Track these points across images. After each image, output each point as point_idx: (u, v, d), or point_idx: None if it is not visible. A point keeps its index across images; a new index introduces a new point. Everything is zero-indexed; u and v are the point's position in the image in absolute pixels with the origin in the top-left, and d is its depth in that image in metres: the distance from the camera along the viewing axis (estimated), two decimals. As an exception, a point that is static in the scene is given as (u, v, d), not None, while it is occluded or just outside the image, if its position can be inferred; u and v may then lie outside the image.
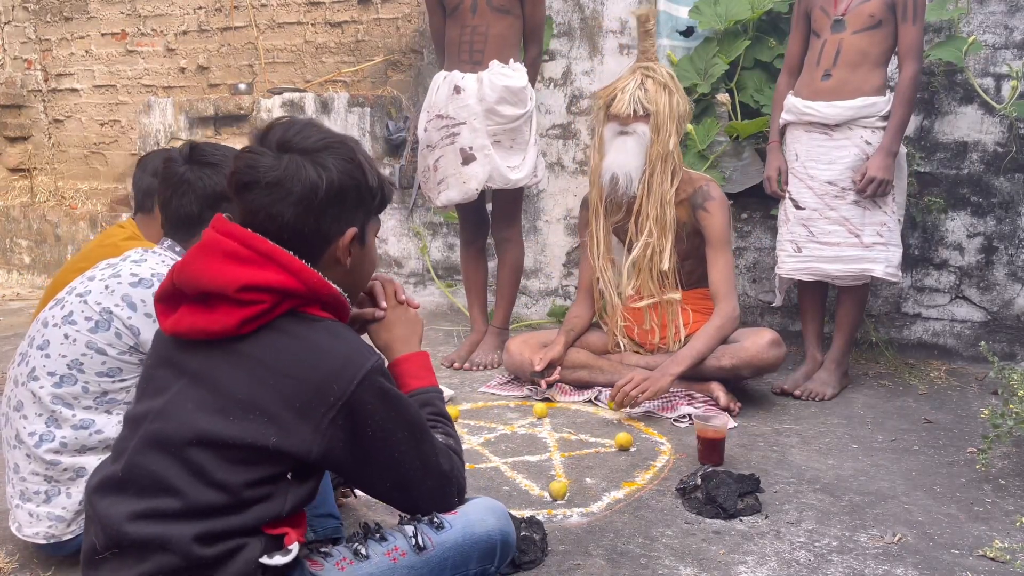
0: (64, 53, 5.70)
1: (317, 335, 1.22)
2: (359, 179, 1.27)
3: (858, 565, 1.73)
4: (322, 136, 1.26)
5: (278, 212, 1.22)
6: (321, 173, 1.22)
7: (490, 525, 1.41)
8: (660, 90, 2.73)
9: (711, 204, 2.76)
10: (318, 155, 1.23)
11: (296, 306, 1.23)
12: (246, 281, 1.19)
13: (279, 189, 1.21)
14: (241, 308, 1.19)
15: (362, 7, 4.80)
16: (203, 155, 1.71)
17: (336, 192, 1.24)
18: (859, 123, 2.72)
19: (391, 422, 1.24)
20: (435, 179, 3.17)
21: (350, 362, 1.21)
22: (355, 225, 1.29)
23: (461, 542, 1.37)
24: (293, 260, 1.22)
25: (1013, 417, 2.08)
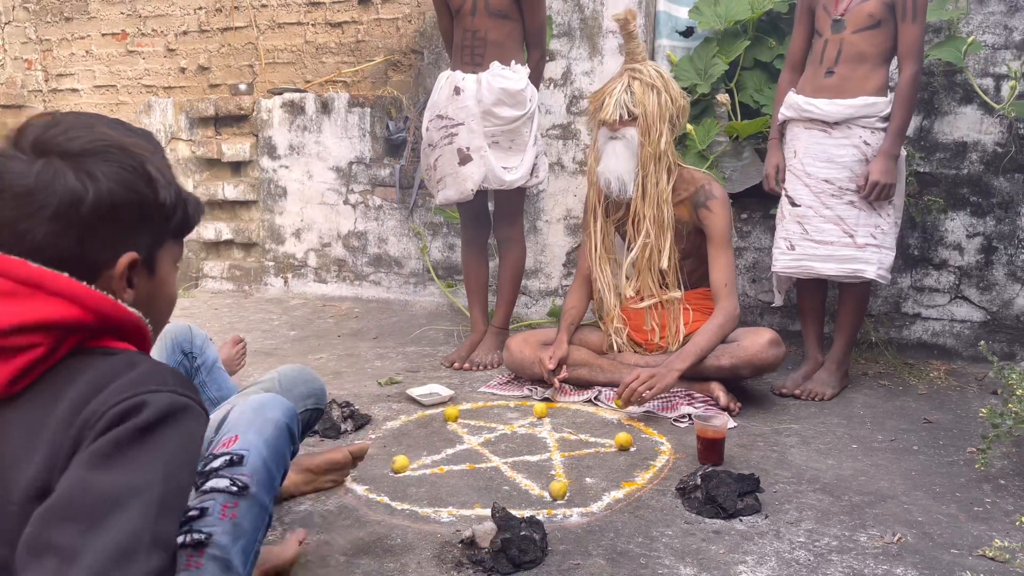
0: (64, 53, 5.70)
1: (113, 366, 0.94)
2: (142, 192, 1.00)
3: (858, 565, 1.74)
4: (95, 137, 0.98)
5: (26, 230, 0.93)
6: (86, 183, 0.95)
7: (274, 412, 1.33)
8: (648, 91, 2.73)
9: (713, 203, 2.76)
10: (85, 160, 0.96)
11: (82, 341, 0.96)
12: (10, 322, 0.91)
13: (29, 201, 0.93)
14: (8, 359, 0.91)
15: (362, 7, 4.80)
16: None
17: (106, 207, 0.96)
18: (858, 122, 2.72)
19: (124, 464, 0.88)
20: (435, 178, 3.20)
21: (139, 383, 0.92)
22: (136, 250, 1.00)
23: (265, 452, 1.27)
24: (71, 283, 0.94)
25: (1012, 417, 2.08)
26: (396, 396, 2.86)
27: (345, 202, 4.47)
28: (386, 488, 2.10)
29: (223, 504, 1.19)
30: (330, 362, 3.30)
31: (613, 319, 2.90)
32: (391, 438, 2.48)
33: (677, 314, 2.85)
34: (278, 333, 3.78)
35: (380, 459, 2.29)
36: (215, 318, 4.07)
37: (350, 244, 4.50)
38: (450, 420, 2.60)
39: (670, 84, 2.78)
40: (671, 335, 2.86)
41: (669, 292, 2.84)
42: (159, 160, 1.04)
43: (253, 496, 1.23)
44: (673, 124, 2.78)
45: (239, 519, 1.20)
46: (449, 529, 1.88)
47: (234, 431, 1.29)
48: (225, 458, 1.24)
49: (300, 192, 4.57)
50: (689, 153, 3.54)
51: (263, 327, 3.89)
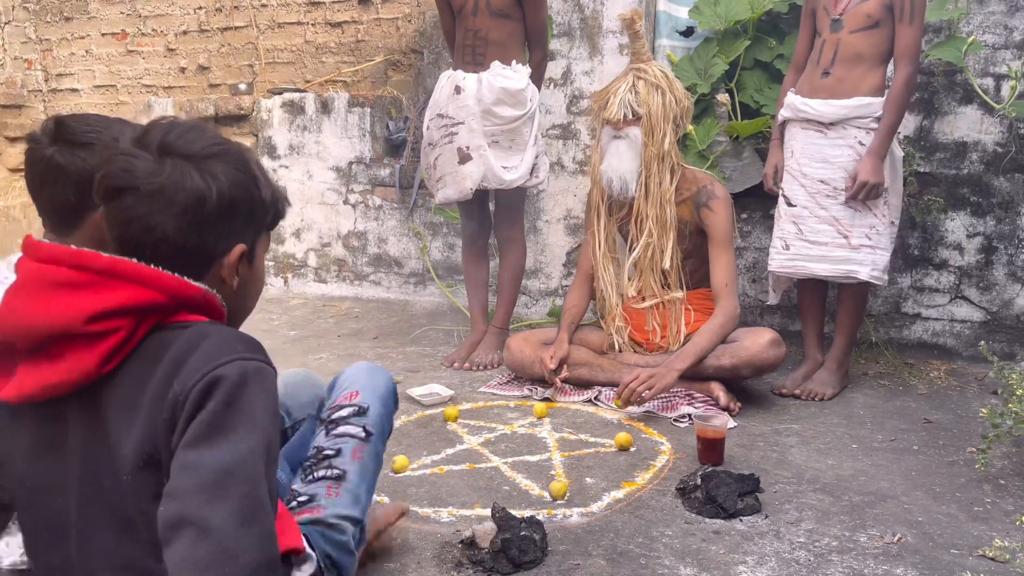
0: (64, 53, 5.70)
1: (189, 345, 1.03)
2: (252, 191, 1.12)
3: (858, 565, 1.74)
4: (211, 141, 1.10)
5: (157, 223, 1.04)
6: (210, 182, 1.06)
7: (384, 380, 1.57)
8: (652, 91, 2.73)
9: (715, 203, 2.76)
10: (206, 162, 1.07)
11: (161, 319, 1.06)
12: (94, 309, 1.00)
13: (160, 198, 1.04)
14: (96, 343, 1.01)
15: (362, 7, 4.80)
16: (73, 133, 1.42)
17: (226, 205, 1.08)
18: (854, 123, 2.72)
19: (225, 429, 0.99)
20: (434, 177, 3.20)
21: (210, 357, 1.01)
22: (244, 242, 1.12)
23: (381, 409, 1.53)
24: (141, 268, 1.03)
25: (1012, 417, 2.08)
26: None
27: (345, 202, 4.47)
28: (386, 488, 2.10)
29: (353, 448, 1.44)
30: (330, 362, 3.30)
31: (615, 318, 2.89)
32: (391, 438, 2.47)
33: (679, 314, 2.85)
34: (278, 333, 3.78)
35: (380, 459, 2.29)
36: (215, 318, 4.06)
37: (350, 244, 4.50)
38: (450, 420, 2.60)
39: (675, 85, 2.78)
40: (672, 335, 2.86)
41: (671, 292, 2.84)
42: (258, 161, 1.16)
43: (374, 443, 1.48)
44: (677, 124, 2.78)
45: (365, 460, 1.45)
46: (449, 529, 1.88)
47: (353, 387, 1.52)
48: (352, 408, 1.48)
49: (300, 192, 4.57)
50: (689, 153, 3.53)
51: (263, 327, 3.89)
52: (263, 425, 1.00)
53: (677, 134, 2.80)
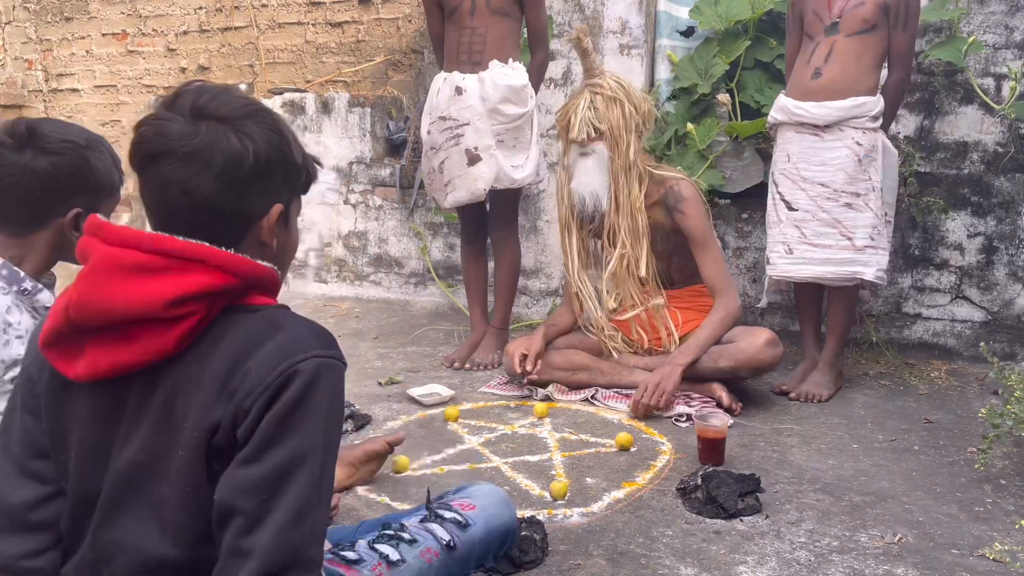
0: (65, 53, 5.70)
1: (261, 333, 1.04)
2: (286, 152, 1.10)
3: (858, 565, 1.74)
4: (243, 103, 1.08)
5: (195, 187, 1.03)
6: (246, 143, 1.05)
7: (505, 517, 1.53)
8: (610, 104, 2.72)
9: (685, 205, 2.75)
10: (241, 123, 1.05)
11: (232, 300, 1.06)
12: (173, 295, 1.00)
13: (197, 160, 1.02)
14: (173, 326, 1.01)
15: (363, 7, 4.80)
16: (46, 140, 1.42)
17: (263, 165, 1.06)
18: (849, 123, 2.72)
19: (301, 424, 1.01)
20: (441, 181, 3.18)
21: (287, 352, 1.02)
22: (280, 202, 1.11)
23: (484, 536, 1.47)
24: (215, 252, 1.03)
25: (1012, 417, 2.08)
26: (396, 396, 2.86)
27: (345, 202, 4.47)
28: (386, 488, 2.10)
29: (429, 547, 1.39)
30: (330, 362, 3.30)
31: (603, 328, 2.89)
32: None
33: (664, 319, 2.85)
34: (278, 333, 3.78)
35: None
36: (215, 318, 4.06)
37: (350, 244, 4.50)
38: (450, 420, 2.60)
39: (632, 93, 2.77)
40: (665, 339, 2.85)
41: (652, 299, 2.83)
42: (288, 125, 1.14)
43: (453, 560, 1.41)
44: (640, 132, 2.77)
45: (431, 566, 1.38)
46: (449, 529, 1.88)
47: (475, 501, 1.51)
48: (458, 516, 1.46)
49: (300, 192, 4.57)
50: (689, 153, 3.53)
51: (263, 327, 3.89)
52: (327, 425, 1.01)
53: (641, 141, 2.79)
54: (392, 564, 1.33)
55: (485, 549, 1.49)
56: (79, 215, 1.49)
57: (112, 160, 1.53)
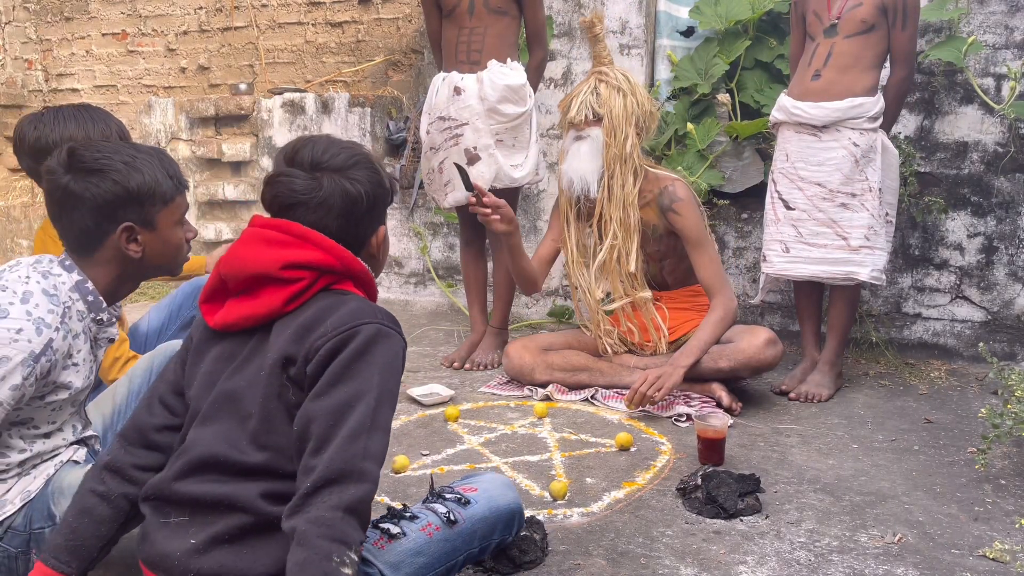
0: (65, 53, 5.70)
1: (342, 303, 1.31)
2: (383, 186, 1.41)
3: (858, 565, 1.74)
4: (349, 153, 1.38)
5: (324, 226, 1.35)
6: (359, 188, 1.36)
7: (510, 499, 1.58)
8: (613, 93, 2.73)
9: (680, 205, 2.75)
10: (351, 171, 1.36)
11: (331, 283, 1.35)
12: (288, 260, 1.31)
13: (323, 207, 1.34)
14: (285, 287, 1.31)
15: (363, 7, 4.80)
16: (84, 161, 1.51)
17: (370, 201, 1.38)
18: (847, 124, 2.73)
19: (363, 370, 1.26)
20: (441, 181, 3.18)
21: (357, 315, 1.29)
22: (383, 223, 1.45)
23: (487, 515, 1.52)
24: (325, 239, 1.33)
25: (1012, 417, 2.08)
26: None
27: (345, 202, 4.47)
28: (386, 488, 2.10)
29: (430, 522, 1.46)
30: (330, 362, 3.30)
31: (599, 324, 2.89)
32: (391, 438, 2.47)
33: (651, 313, 2.85)
34: (278, 333, 3.78)
35: (380, 459, 2.29)
36: (215, 318, 4.06)
37: (350, 244, 4.50)
38: (450, 420, 2.60)
39: (637, 89, 2.78)
40: (655, 335, 2.86)
41: (638, 291, 2.83)
42: (376, 158, 1.44)
43: (454, 534, 1.47)
44: (640, 128, 2.76)
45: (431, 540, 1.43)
46: (449, 529, 1.87)
47: (477, 485, 1.58)
48: (458, 496, 1.53)
49: (300, 192, 4.57)
50: (689, 153, 3.53)
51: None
52: (383, 375, 1.26)
53: (641, 139, 2.79)
54: (392, 537, 1.40)
55: (489, 527, 1.53)
56: (129, 228, 1.53)
57: (163, 169, 1.57)
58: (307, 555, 1.12)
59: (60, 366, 1.49)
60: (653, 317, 2.85)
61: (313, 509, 1.15)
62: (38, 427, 1.54)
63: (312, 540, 1.13)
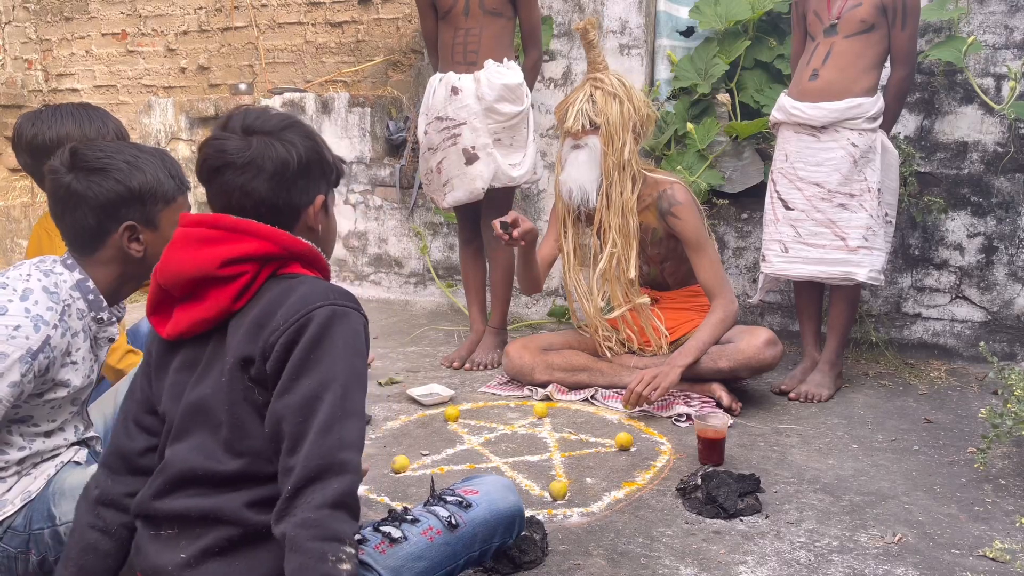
0: (65, 53, 5.70)
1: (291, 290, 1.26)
2: (320, 152, 1.35)
3: (858, 565, 1.74)
4: (282, 118, 1.34)
5: (253, 188, 1.28)
6: (289, 149, 1.29)
7: (511, 502, 1.57)
8: (609, 100, 2.71)
9: (679, 209, 2.74)
10: (283, 133, 1.30)
11: (277, 269, 1.30)
12: (225, 256, 1.25)
13: (252, 167, 1.27)
14: (229, 284, 1.26)
15: (362, 7, 4.80)
16: (86, 160, 1.53)
17: (304, 165, 1.31)
18: (846, 124, 2.73)
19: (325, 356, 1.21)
20: (439, 181, 3.18)
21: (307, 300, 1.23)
22: (321, 193, 1.36)
23: (488, 518, 1.51)
24: (260, 226, 1.27)
25: (1012, 417, 2.08)
26: (396, 396, 2.86)
27: (345, 202, 4.47)
28: (386, 488, 2.10)
29: (431, 526, 1.45)
30: (330, 362, 3.30)
31: (597, 328, 2.89)
32: (391, 438, 2.48)
33: (650, 318, 2.84)
34: (278, 333, 3.78)
35: (380, 459, 2.29)
36: (215, 318, 4.06)
37: (350, 244, 4.50)
38: (450, 420, 2.60)
39: (633, 93, 2.76)
40: (654, 338, 2.85)
41: (636, 298, 2.82)
42: (318, 133, 1.39)
43: (455, 538, 1.46)
44: (637, 133, 2.75)
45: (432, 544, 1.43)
46: (449, 529, 1.87)
47: (478, 487, 1.56)
48: (459, 499, 1.51)
49: (300, 192, 4.57)
50: (689, 153, 3.53)
51: (263, 327, 3.89)
52: (346, 359, 1.21)
53: (638, 143, 2.77)
54: (394, 541, 1.40)
55: (490, 530, 1.52)
56: (131, 228, 1.54)
57: (165, 169, 1.58)
58: (302, 560, 1.10)
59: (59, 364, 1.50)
60: (652, 321, 2.85)
61: (299, 512, 1.12)
62: (38, 425, 1.55)
63: (304, 544, 1.10)
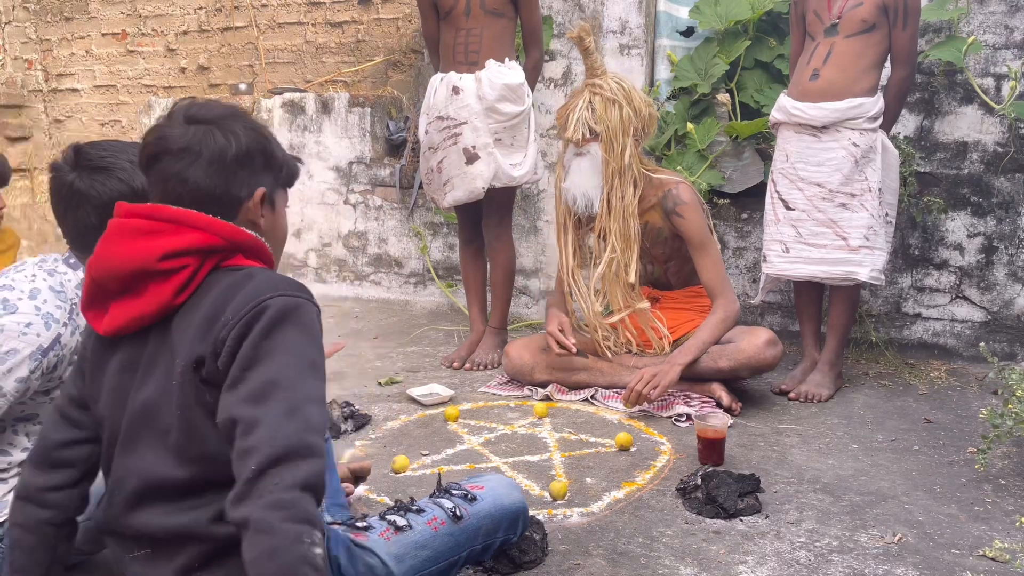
0: (65, 53, 5.70)
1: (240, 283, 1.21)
2: (264, 143, 1.30)
3: (858, 565, 1.74)
4: (227, 108, 1.30)
5: (189, 176, 1.23)
6: (229, 137, 1.26)
7: (515, 498, 1.58)
8: (609, 106, 2.70)
9: (683, 208, 2.74)
10: (224, 121, 1.27)
11: (220, 261, 1.25)
12: (165, 249, 1.20)
13: (188, 154, 1.23)
14: (169, 278, 1.21)
15: (362, 7, 4.80)
16: (90, 159, 1.54)
17: (244, 154, 1.27)
18: (847, 124, 2.73)
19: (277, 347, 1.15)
20: (440, 180, 3.18)
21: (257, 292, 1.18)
22: (264, 186, 1.31)
23: (492, 512, 1.52)
24: (201, 217, 1.22)
25: (1012, 417, 2.08)
26: (396, 396, 2.86)
27: (345, 202, 4.47)
28: (386, 488, 2.10)
29: (436, 516, 1.45)
30: (330, 362, 3.30)
31: (596, 329, 2.89)
32: (391, 438, 2.48)
33: (650, 320, 2.85)
34: (278, 333, 3.78)
35: (380, 459, 2.29)
36: (215, 318, 4.06)
37: (350, 244, 4.50)
38: (450, 420, 2.60)
39: (632, 96, 2.74)
40: (655, 340, 2.85)
41: (637, 303, 2.82)
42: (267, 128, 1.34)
43: (459, 530, 1.47)
44: (638, 136, 2.75)
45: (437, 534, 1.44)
46: (449, 529, 1.87)
47: (484, 484, 1.58)
48: (465, 492, 1.53)
49: (300, 192, 4.57)
50: (689, 153, 3.53)
51: (263, 327, 3.89)
52: (300, 348, 1.16)
53: (639, 144, 2.78)
54: (399, 529, 1.41)
55: (494, 524, 1.53)
56: None
57: None
58: (275, 542, 1.02)
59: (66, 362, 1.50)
60: (652, 324, 2.85)
61: (267, 493, 1.05)
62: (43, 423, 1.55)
63: (277, 525, 1.03)
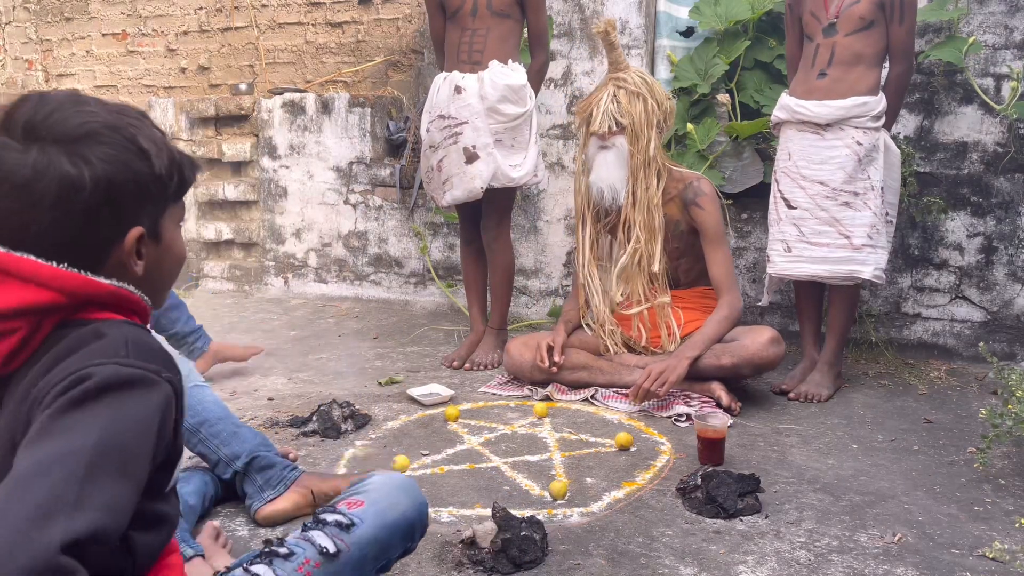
0: (65, 53, 5.70)
1: (80, 343, 0.94)
2: (137, 169, 0.98)
3: (858, 565, 1.74)
4: (83, 119, 0.96)
5: (30, 220, 0.93)
6: (81, 168, 0.94)
7: (404, 507, 1.35)
8: (633, 99, 2.74)
9: (703, 200, 2.78)
10: (76, 145, 0.94)
11: (67, 316, 0.97)
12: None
13: (26, 193, 0.92)
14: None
15: (363, 7, 4.80)
16: None
17: (103, 190, 0.95)
18: (850, 123, 2.73)
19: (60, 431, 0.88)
20: (439, 179, 3.18)
21: (86, 358, 0.92)
22: (140, 224, 1.01)
23: (376, 534, 1.30)
24: (39, 267, 0.93)
25: (1012, 417, 2.08)
26: (396, 396, 2.86)
27: (345, 202, 4.48)
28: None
29: (307, 559, 1.22)
30: (330, 362, 3.30)
31: (604, 323, 2.90)
32: (391, 438, 2.48)
33: (667, 317, 2.85)
34: (278, 333, 3.78)
35: (380, 459, 2.29)
36: (215, 318, 4.07)
37: (350, 244, 4.50)
38: (450, 420, 2.60)
39: (655, 89, 2.79)
40: (665, 337, 2.86)
41: (658, 296, 2.83)
42: (148, 130, 1.02)
43: (339, 566, 1.24)
44: (661, 128, 2.79)
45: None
46: (449, 529, 1.88)
47: (364, 497, 1.33)
48: (341, 517, 1.28)
49: (300, 192, 4.58)
50: (689, 153, 3.53)
51: (263, 327, 3.89)
52: (111, 433, 0.87)
53: (661, 137, 2.81)
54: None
55: (382, 548, 1.32)
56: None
57: None
58: None
59: None
60: (668, 320, 2.85)
61: None
62: None
63: None
